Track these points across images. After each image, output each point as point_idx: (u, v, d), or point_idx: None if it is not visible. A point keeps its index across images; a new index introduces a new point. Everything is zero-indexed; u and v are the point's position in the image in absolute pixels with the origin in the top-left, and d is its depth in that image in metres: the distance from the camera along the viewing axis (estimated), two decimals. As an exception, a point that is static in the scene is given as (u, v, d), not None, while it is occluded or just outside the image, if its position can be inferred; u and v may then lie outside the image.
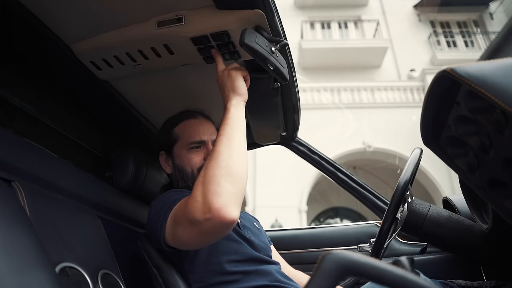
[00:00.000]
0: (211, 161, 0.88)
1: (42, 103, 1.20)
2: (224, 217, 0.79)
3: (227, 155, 0.89)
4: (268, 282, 1.02)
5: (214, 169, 0.86)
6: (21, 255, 0.57)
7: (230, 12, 0.93)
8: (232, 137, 0.94)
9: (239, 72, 1.06)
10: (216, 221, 0.80)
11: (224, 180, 0.84)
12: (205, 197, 0.82)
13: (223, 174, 0.85)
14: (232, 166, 0.88)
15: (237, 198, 0.84)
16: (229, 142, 0.92)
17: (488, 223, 1.05)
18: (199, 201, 0.82)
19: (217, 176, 0.84)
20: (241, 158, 0.92)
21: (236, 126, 0.97)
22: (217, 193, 0.81)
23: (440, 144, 0.77)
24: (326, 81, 11.57)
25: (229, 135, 0.94)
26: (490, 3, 13.52)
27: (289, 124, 1.59)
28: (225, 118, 0.99)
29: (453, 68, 0.56)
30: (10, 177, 0.80)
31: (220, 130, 0.96)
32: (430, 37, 13.26)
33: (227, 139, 0.93)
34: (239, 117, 1.00)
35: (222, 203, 0.80)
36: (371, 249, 1.14)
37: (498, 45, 9.29)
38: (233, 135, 0.95)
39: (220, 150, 0.90)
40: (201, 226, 0.82)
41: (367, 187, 1.75)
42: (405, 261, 0.53)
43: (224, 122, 0.98)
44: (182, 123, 1.27)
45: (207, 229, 0.83)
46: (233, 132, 0.95)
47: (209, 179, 0.84)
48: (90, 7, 0.94)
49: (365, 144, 10.42)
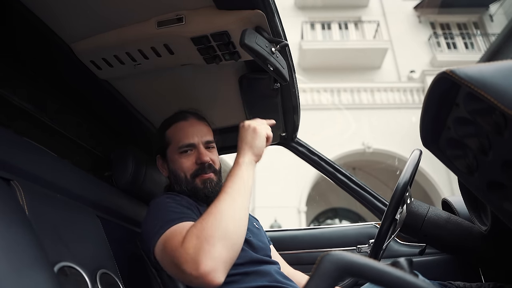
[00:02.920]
0: (210, 218, 0.86)
1: (41, 102, 1.20)
2: (209, 281, 0.78)
3: (228, 217, 0.87)
4: (268, 283, 1.01)
5: (212, 229, 0.83)
6: (20, 254, 0.57)
7: (231, 12, 0.93)
8: (237, 199, 0.92)
9: (264, 131, 1.06)
10: (201, 281, 0.79)
11: (220, 245, 0.81)
12: (196, 254, 0.79)
13: (220, 237, 0.82)
14: (231, 231, 0.85)
15: (228, 263, 0.83)
16: (233, 203, 0.90)
17: (487, 225, 1.05)
18: (190, 254, 0.80)
19: (214, 238, 0.81)
20: (242, 223, 0.90)
21: (243, 188, 0.96)
22: (209, 255, 0.79)
23: (439, 145, 0.77)
24: (326, 82, 11.58)
25: (235, 196, 0.92)
26: (490, 5, 13.53)
27: (288, 124, 1.60)
28: (233, 174, 0.97)
29: (452, 70, 0.56)
30: (9, 176, 0.80)
31: (225, 186, 0.94)
32: (430, 38, 13.28)
33: (231, 199, 0.91)
34: (249, 177, 0.99)
35: (211, 268, 0.78)
36: (370, 250, 1.14)
37: (498, 47, 9.32)
38: (239, 197, 0.93)
39: (222, 211, 0.87)
40: (186, 277, 0.81)
41: (366, 188, 1.75)
42: (404, 262, 0.53)
43: (231, 179, 0.96)
44: (173, 126, 1.25)
45: (189, 281, 0.82)
46: (239, 193, 0.93)
47: (205, 237, 0.82)
48: (91, 6, 0.94)
49: (364, 145, 10.43)
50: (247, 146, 1.03)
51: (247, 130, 1.06)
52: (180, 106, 1.34)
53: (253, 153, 1.04)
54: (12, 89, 1.08)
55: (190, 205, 1.07)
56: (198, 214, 1.06)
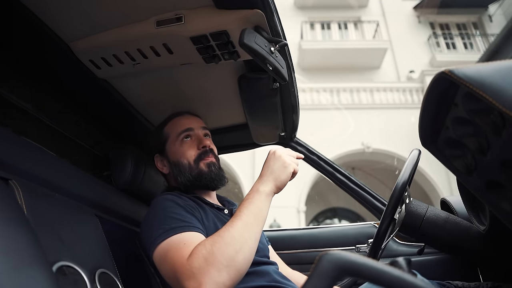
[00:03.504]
0: (221, 244, 0.84)
1: (40, 101, 1.19)
2: None
3: (240, 246, 0.85)
4: (266, 283, 1.01)
5: (222, 256, 0.82)
6: (18, 254, 0.57)
7: (230, 12, 0.93)
8: (251, 228, 0.90)
9: (293, 167, 1.03)
10: None
11: (226, 272, 0.81)
12: (202, 275, 0.79)
13: (228, 265, 0.81)
14: (240, 260, 0.84)
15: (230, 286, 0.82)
16: (247, 232, 0.89)
17: (485, 225, 1.05)
18: (195, 274, 0.80)
19: (221, 264, 0.81)
20: (251, 253, 0.89)
21: (260, 217, 0.94)
22: (214, 280, 0.79)
23: (438, 145, 0.77)
24: (325, 81, 11.59)
25: (250, 224, 0.90)
26: (489, 6, 13.55)
27: (288, 124, 1.60)
28: (251, 201, 0.95)
29: (451, 70, 0.56)
30: (7, 175, 0.80)
31: (241, 212, 0.92)
32: (429, 38, 13.29)
33: (246, 227, 0.89)
34: (266, 208, 0.97)
35: None
36: (369, 249, 1.14)
37: (497, 47, 9.32)
38: (253, 226, 0.91)
39: (234, 237, 0.86)
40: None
41: (365, 187, 1.75)
42: (403, 261, 0.53)
43: (248, 206, 0.94)
44: (170, 122, 1.30)
45: None
46: (255, 222, 0.92)
47: (213, 261, 0.81)
48: (90, 5, 0.94)
49: (364, 145, 10.44)
50: (272, 176, 1.00)
51: (276, 160, 1.02)
52: (179, 105, 1.35)
53: (276, 185, 1.00)
54: (11, 88, 1.08)
55: (192, 209, 1.06)
56: (201, 217, 1.06)
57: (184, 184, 1.20)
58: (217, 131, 1.60)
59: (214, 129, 1.57)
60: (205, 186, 1.21)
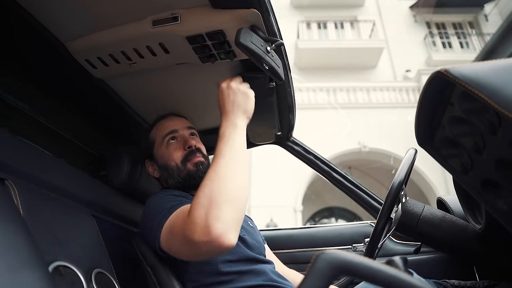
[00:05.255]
0: (213, 184, 0.85)
1: (36, 101, 1.19)
2: (222, 243, 0.78)
3: (231, 179, 0.86)
4: (263, 282, 1.02)
5: (217, 194, 0.82)
6: (14, 254, 0.57)
7: (226, 11, 0.93)
8: (237, 161, 0.91)
9: (252, 93, 1.05)
10: (215, 245, 0.78)
11: (227, 206, 0.81)
12: (206, 220, 0.79)
13: (226, 200, 0.82)
14: (236, 191, 0.85)
15: (237, 223, 0.82)
16: (234, 166, 0.89)
17: (481, 224, 1.06)
18: (199, 224, 0.79)
19: (220, 202, 0.81)
20: (245, 184, 0.89)
21: (242, 148, 0.95)
22: (218, 218, 0.79)
23: (434, 144, 0.77)
24: (322, 81, 11.60)
25: (234, 158, 0.91)
26: (485, 5, 13.60)
27: (284, 123, 1.60)
28: (229, 138, 0.95)
29: (447, 69, 0.56)
30: (3, 175, 0.80)
31: (221, 150, 0.92)
32: (425, 38, 13.32)
33: (230, 162, 0.90)
34: (244, 140, 0.98)
35: (222, 229, 0.78)
36: (366, 248, 1.14)
37: (493, 47, 9.35)
38: (238, 158, 0.92)
39: (223, 174, 0.87)
40: (198, 247, 0.81)
41: (362, 187, 1.75)
42: (399, 260, 0.54)
43: (228, 142, 0.94)
44: (155, 126, 1.30)
45: (204, 251, 0.82)
46: (238, 154, 0.92)
47: (210, 203, 0.81)
48: (86, 5, 0.94)
49: (360, 144, 10.46)
50: (240, 109, 1.00)
51: (237, 93, 1.02)
52: (175, 105, 1.35)
53: (247, 117, 1.02)
54: (7, 87, 1.08)
55: (186, 196, 1.08)
56: None
57: (175, 186, 1.20)
58: (213, 130, 1.59)
59: (210, 128, 1.56)
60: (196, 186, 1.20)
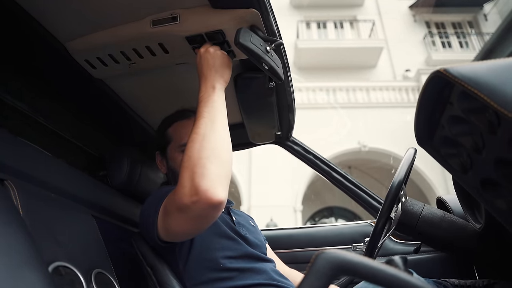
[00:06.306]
0: (195, 144, 0.86)
1: (36, 101, 1.19)
2: (211, 198, 0.79)
3: (212, 137, 0.88)
4: (264, 281, 1.02)
5: (200, 152, 0.84)
6: (14, 254, 0.57)
7: (225, 11, 0.93)
8: (217, 120, 0.92)
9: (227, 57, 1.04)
10: (204, 203, 0.79)
11: (210, 163, 0.83)
12: (191, 180, 0.80)
13: (209, 156, 0.84)
14: (218, 149, 0.87)
15: (224, 179, 0.84)
16: (213, 125, 0.91)
17: (481, 223, 1.06)
18: (186, 186, 0.81)
19: (203, 159, 0.83)
20: (226, 141, 0.91)
21: (221, 109, 0.96)
22: (203, 175, 0.80)
23: (434, 144, 0.77)
24: (321, 81, 11.59)
25: (214, 118, 0.92)
26: (484, 4, 13.61)
27: (284, 123, 1.60)
28: (208, 100, 0.95)
29: (446, 69, 0.56)
30: (3, 176, 0.80)
31: (201, 112, 0.93)
32: (425, 37, 13.33)
33: (211, 121, 0.91)
34: (223, 100, 0.99)
35: (208, 185, 0.79)
36: (365, 248, 1.14)
37: (492, 46, 9.37)
38: (218, 118, 0.93)
39: (204, 133, 0.88)
40: (189, 210, 0.81)
41: (361, 186, 1.76)
42: (399, 260, 0.54)
43: (207, 104, 0.94)
44: (175, 124, 1.27)
45: (195, 213, 0.82)
46: (218, 114, 0.94)
47: (194, 162, 0.83)
48: (85, 5, 0.94)
49: (360, 144, 10.46)
50: (218, 73, 1.00)
51: (215, 57, 1.00)
52: (175, 105, 1.34)
53: (224, 81, 1.02)
54: (6, 88, 1.08)
55: None
56: None
57: None
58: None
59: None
60: None
